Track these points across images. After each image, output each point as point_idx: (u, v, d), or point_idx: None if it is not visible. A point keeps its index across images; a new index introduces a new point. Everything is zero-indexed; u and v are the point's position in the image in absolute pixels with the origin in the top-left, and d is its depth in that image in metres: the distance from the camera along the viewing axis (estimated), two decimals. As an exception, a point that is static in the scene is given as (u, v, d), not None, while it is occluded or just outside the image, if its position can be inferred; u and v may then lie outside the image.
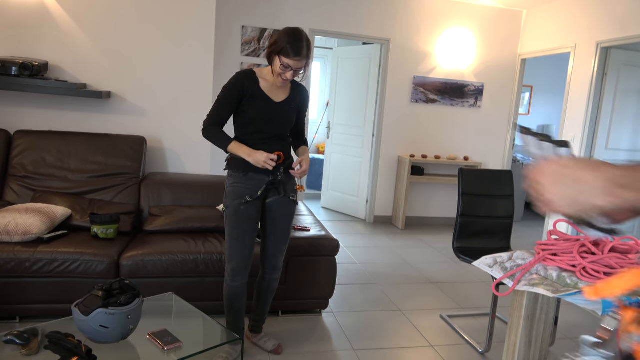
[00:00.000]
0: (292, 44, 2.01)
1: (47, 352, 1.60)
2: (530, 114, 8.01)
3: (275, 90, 2.19)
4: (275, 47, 2.04)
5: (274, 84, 2.17)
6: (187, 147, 3.57)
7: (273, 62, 2.08)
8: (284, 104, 2.20)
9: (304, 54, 2.05)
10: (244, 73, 2.16)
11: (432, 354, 2.61)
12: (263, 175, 2.19)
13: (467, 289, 3.65)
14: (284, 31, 2.06)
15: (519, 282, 1.42)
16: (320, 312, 2.99)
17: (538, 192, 0.70)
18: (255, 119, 2.16)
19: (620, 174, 0.60)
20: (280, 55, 2.03)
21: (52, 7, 3.20)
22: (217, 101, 2.16)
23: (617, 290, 0.73)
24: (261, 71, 2.18)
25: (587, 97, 4.61)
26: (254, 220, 2.21)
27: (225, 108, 2.15)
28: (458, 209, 2.89)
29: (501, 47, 5.58)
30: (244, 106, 2.15)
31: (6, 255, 2.39)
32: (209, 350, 1.81)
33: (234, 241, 2.19)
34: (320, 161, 7.03)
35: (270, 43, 2.08)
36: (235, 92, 2.13)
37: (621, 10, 4.28)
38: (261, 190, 2.19)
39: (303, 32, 2.07)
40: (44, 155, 3.04)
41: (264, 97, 2.15)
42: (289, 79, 2.11)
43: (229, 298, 2.26)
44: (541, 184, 0.69)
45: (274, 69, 2.09)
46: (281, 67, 2.05)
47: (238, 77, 2.15)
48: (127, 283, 1.72)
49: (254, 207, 2.20)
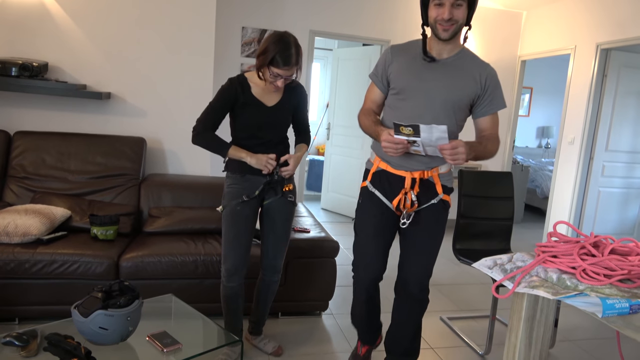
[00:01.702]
0: (281, 53, 1.97)
1: (46, 354, 1.60)
2: (530, 115, 8.01)
3: (268, 94, 2.17)
4: (264, 58, 2.00)
5: (266, 87, 2.15)
6: (187, 148, 3.57)
7: (263, 71, 2.05)
8: (277, 107, 2.19)
9: (293, 62, 2.01)
10: (235, 79, 2.15)
11: (432, 356, 2.61)
12: (260, 177, 2.19)
13: (467, 290, 3.65)
14: (271, 39, 2.00)
15: (519, 284, 1.42)
16: (320, 314, 2.99)
17: (458, 155, 1.73)
18: (248, 125, 2.16)
19: (471, 147, 1.80)
20: (270, 66, 2.00)
21: (52, 7, 3.20)
22: (209, 106, 2.15)
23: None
24: (252, 75, 2.15)
25: (587, 98, 4.61)
26: (250, 221, 2.21)
27: (216, 114, 2.15)
28: (458, 210, 2.89)
29: (501, 48, 5.59)
30: (237, 113, 2.15)
31: (5, 256, 2.39)
32: (208, 352, 1.80)
33: (229, 241, 2.20)
34: (320, 162, 7.02)
35: (258, 52, 2.04)
36: (228, 98, 2.13)
37: (621, 11, 4.29)
38: (258, 190, 2.19)
39: (291, 37, 2.03)
40: (43, 156, 3.04)
41: (256, 102, 2.14)
42: (280, 87, 2.10)
43: (226, 299, 2.26)
44: (459, 150, 1.73)
45: (265, 77, 2.06)
46: (271, 76, 2.03)
47: (230, 84, 2.14)
48: (126, 284, 1.72)
49: (251, 207, 2.20)
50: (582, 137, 4.66)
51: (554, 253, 1.45)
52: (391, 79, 1.98)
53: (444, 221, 2.04)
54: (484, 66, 1.93)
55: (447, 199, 2.02)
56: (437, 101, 1.89)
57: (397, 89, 1.96)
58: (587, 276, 1.35)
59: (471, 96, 1.92)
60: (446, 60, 1.92)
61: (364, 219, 2.09)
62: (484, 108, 1.95)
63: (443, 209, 2.02)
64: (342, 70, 5.76)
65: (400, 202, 1.97)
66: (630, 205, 4.93)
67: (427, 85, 1.90)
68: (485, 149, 1.92)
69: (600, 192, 4.76)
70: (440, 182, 1.99)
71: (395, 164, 1.98)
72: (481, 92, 1.92)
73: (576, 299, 1.29)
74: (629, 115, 4.73)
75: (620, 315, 1.26)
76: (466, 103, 1.92)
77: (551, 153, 7.95)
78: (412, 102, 1.91)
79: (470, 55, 1.96)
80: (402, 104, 1.94)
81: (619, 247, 1.45)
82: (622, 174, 4.83)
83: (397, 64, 1.95)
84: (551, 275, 1.41)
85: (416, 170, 1.95)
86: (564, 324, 3.13)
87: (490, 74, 1.93)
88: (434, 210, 2.00)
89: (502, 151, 5.81)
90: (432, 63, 1.90)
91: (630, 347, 2.88)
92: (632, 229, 5.01)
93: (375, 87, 2.05)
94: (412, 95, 1.92)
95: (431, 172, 1.96)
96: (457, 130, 1.98)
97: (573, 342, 2.90)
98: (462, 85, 1.90)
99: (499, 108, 1.95)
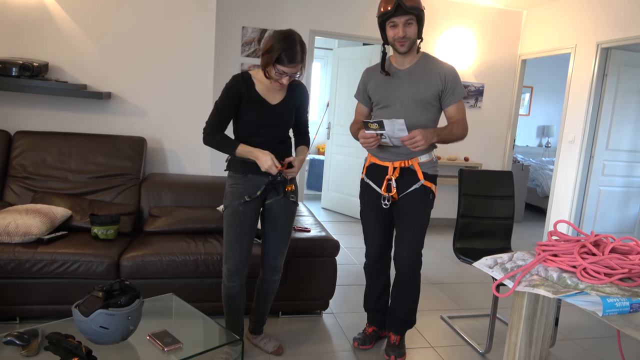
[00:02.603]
0: (286, 51, 1.98)
1: (47, 353, 1.60)
2: (531, 114, 8.01)
3: (272, 93, 2.18)
4: (270, 56, 2.01)
5: (270, 85, 2.16)
6: (187, 148, 3.57)
7: (269, 70, 2.06)
8: (280, 105, 2.19)
9: (299, 60, 2.02)
10: (240, 76, 2.15)
11: (433, 354, 2.61)
12: (262, 177, 2.19)
13: (468, 289, 3.65)
14: (276, 37, 2.02)
15: (520, 282, 1.42)
16: (320, 313, 2.99)
17: (416, 142, 2.11)
18: (252, 123, 2.16)
19: (433, 132, 2.21)
20: (275, 64, 2.01)
21: (52, 7, 3.21)
22: (215, 107, 2.15)
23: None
24: (257, 73, 2.17)
25: (588, 97, 4.61)
26: (252, 221, 2.21)
27: (224, 113, 2.15)
28: (458, 209, 2.89)
29: (501, 47, 5.58)
30: (241, 110, 2.15)
31: (6, 256, 2.39)
32: (209, 351, 1.81)
33: (231, 241, 2.19)
34: (321, 162, 7.02)
35: (263, 50, 2.04)
36: (233, 96, 2.12)
37: (621, 10, 4.28)
38: (260, 190, 2.19)
39: (296, 35, 2.04)
40: (44, 156, 3.04)
41: (260, 100, 2.14)
42: (285, 84, 2.11)
43: (227, 299, 2.26)
44: (417, 139, 2.11)
45: (270, 76, 2.07)
46: (276, 74, 2.04)
47: (234, 81, 2.14)
48: (127, 284, 1.72)
49: (253, 207, 2.20)
50: (583, 136, 4.66)
51: (554, 252, 1.45)
52: (371, 94, 2.43)
53: (427, 204, 2.37)
54: (443, 66, 2.34)
55: (429, 185, 2.34)
56: (409, 103, 2.29)
57: (376, 100, 2.40)
58: (587, 275, 1.35)
59: (436, 92, 2.30)
60: (409, 68, 2.34)
61: (364, 206, 2.51)
62: (448, 99, 2.32)
63: (425, 193, 2.35)
64: (343, 70, 5.76)
65: (385, 187, 2.37)
66: (630, 204, 4.93)
67: (398, 92, 2.32)
68: (451, 132, 2.30)
69: (601, 191, 4.76)
70: (421, 169, 2.33)
71: (381, 157, 2.37)
72: (443, 87, 2.30)
73: (577, 297, 1.29)
74: (630, 114, 4.73)
75: (621, 314, 1.26)
76: (434, 98, 2.31)
77: (552, 152, 7.95)
78: (389, 109, 2.34)
79: (431, 59, 2.37)
80: (383, 112, 2.36)
81: (620, 245, 1.45)
82: (622, 173, 4.83)
83: (373, 82, 2.41)
84: (552, 274, 1.41)
85: (397, 161, 2.33)
86: (565, 323, 3.13)
87: (449, 71, 2.32)
88: (417, 195, 2.34)
89: (502, 150, 5.81)
90: (399, 72, 2.33)
91: (630, 346, 2.88)
92: (633, 227, 5.01)
93: (361, 104, 2.52)
94: (389, 103, 2.34)
95: (411, 161, 2.32)
96: (431, 123, 2.34)
97: (573, 340, 2.90)
98: (426, 85, 2.29)
99: (461, 97, 2.33)
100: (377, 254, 2.52)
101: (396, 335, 2.51)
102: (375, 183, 2.41)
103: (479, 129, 5.69)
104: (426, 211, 2.37)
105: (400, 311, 2.48)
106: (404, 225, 2.37)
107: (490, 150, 5.79)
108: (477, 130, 5.69)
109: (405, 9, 2.14)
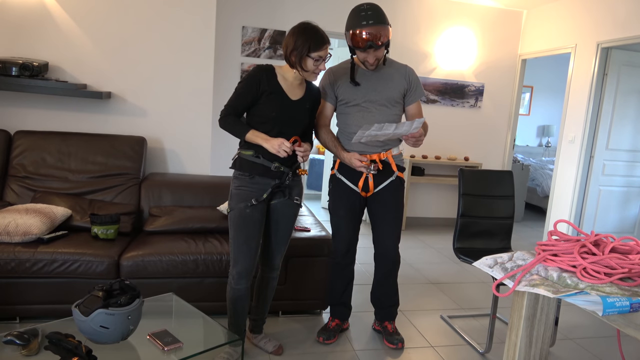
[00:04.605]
0: (314, 38, 2.03)
1: (47, 353, 1.60)
2: (531, 114, 8.01)
3: (293, 89, 2.17)
4: (300, 51, 2.04)
5: (292, 82, 2.16)
6: (187, 148, 3.57)
7: (304, 65, 2.07)
8: (300, 102, 2.18)
9: (327, 39, 2.07)
10: (263, 67, 2.14)
11: (433, 354, 2.61)
12: (269, 179, 2.18)
13: (468, 289, 3.65)
14: (296, 32, 2.05)
15: (520, 282, 1.42)
16: (320, 313, 2.99)
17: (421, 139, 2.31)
18: (270, 115, 2.11)
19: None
20: (310, 55, 2.04)
21: (52, 7, 3.21)
22: (235, 92, 2.13)
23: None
24: (280, 68, 2.17)
25: (588, 97, 4.61)
26: (259, 224, 2.19)
27: (242, 100, 2.12)
28: (458, 209, 2.89)
29: (501, 47, 5.58)
30: (261, 101, 2.12)
31: (6, 255, 2.39)
32: (209, 350, 1.81)
33: (239, 245, 2.17)
34: (321, 162, 7.02)
35: (289, 50, 2.06)
36: (254, 84, 2.10)
37: (622, 10, 4.28)
38: (267, 193, 2.18)
39: (310, 23, 2.08)
40: (44, 156, 3.04)
41: (281, 93, 2.13)
42: (324, 69, 2.17)
43: (233, 301, 2.25)
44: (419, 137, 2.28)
45: (308, 68, 2.08)
46: (314, 63, 2.07)
47: (257, 70, 2.12)
48: (127, 283, 1.72)
49: (259, 210, 2.18)
50: (583, 136, 4.66)
51: (554, 251, 1.45)
52: (339, 93, 2.48)
53: (402, 194, 2.57)
54: (404, 67, 2.51)
55: (402, 176, 2.54)
56: (382, 101, 2.43)
57: (345, 99, 2.46)
58: (587, 275, 1.35)
59: (402, 90, 2.47)
60: (376, 69, 2.45)
61: (335, 202, 2.56)
62: (411, 97, 2.50)
63: (400, 184, 2.54)
64: (343, 69, 5.75)
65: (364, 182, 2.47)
66: (630, 203, 4.93)
67: (368, 91, 2.43)
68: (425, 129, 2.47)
69: (601, 191, 4.76)
70: (394, 162, 2.49)
71: (357, 152, 2.44)
72: (408, 86, 2.48)
73: (577, 297, 1.29)
74: (630, 114, 4.72)
75: (621, 314, 1.26)
76: (400, 97, 2.47)
77: (552, 152, 7.95)
78: (358, 107, 2.44)
79: (391, 60, 2.50)
80: (350, 109, 2.45)
81: (620, 245, 1.45)
82: (622, 173, 4.83)
83: (341, 81, 2.47)
84: (552, 274, 1.41)
85: (374, 153, 2.44)
86: (565, 323, 3.13)
87: (411, 71, 2.51)
88: (393, 187, 2.51)
89: (502, 150, 5.82)
90: (366, 73, 2.44)
91: (630, 346, 2.88)
92: (633, 227, 5.01)
93: (327, 103, 2.52)
94: (358, 101, 2.43)
95: (386, 154, 2.46)
96: (398, 120, 2.50)
97: (573, 340, 2.90)
98: (393, 84, 2.44)
99: (422, 95, 2.53)
100: (346, 249, 2.59)
101: (391, 322, 2.69)
102: (348, 179, 2.50)
103: (479, 129, 5.69)
104: (402, 201, 2.57)
105: (391, 298, 2.65)
106: (386, 217, 2.50)
107: (490, 150, 5.79)
108: (477, 130, 5.69)
109: (377, 48, 2.27)
